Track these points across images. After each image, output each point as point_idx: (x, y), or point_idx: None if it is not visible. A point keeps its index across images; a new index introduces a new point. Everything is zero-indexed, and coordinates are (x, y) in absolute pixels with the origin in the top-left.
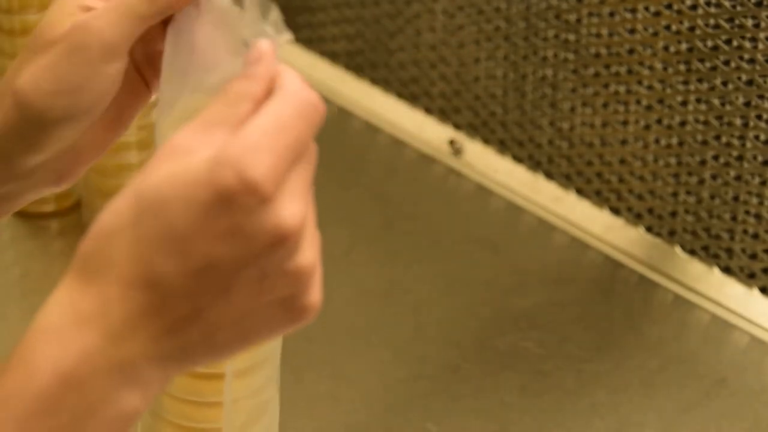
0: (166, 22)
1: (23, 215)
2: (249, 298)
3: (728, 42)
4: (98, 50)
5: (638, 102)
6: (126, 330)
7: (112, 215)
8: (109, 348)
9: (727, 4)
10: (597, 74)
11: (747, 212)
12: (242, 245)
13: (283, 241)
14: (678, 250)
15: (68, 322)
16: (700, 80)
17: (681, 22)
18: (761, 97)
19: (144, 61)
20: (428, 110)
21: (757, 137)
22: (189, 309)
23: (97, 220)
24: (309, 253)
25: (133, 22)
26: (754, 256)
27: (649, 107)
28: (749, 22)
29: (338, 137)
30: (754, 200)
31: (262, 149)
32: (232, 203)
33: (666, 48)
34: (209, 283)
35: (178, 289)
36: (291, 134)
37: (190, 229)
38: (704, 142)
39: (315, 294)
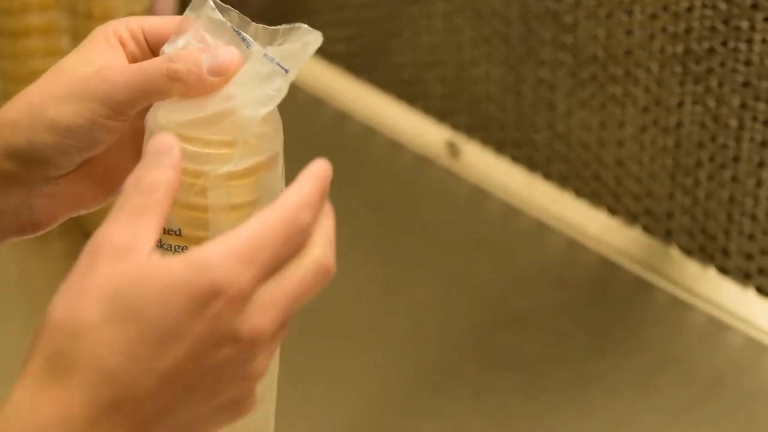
0: None
1: None
2: (205, 401)
3: (724, 44)
4: (106, 104)
5: (635, 104)
6: None
7: (73, 314)
8: None
9: (722, 6)
10: (594, 76)
11: (742, 213)
12: (210, 348)
13: (252, 346)
14: (674, 250)
15: (34, 429)
16: (696, 82)
17: (677, 25)
18: (756, 98)
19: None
20: (426, 112)
21: (752, 139)
22: (152, 410)
23: (52, 316)
24: (266, 361)
25: (146, 94)
26: (749, 257)
27: (645, 109)
28: (745, 24)
29: (336, 139)
30: (750, 201)
31: (241, 260)
32: (206, 304)
33: (662, 50)
34: (176, 386)
35: (144, 392)
36: (272, 250)
37: (164, 333)
38: (700, 144)
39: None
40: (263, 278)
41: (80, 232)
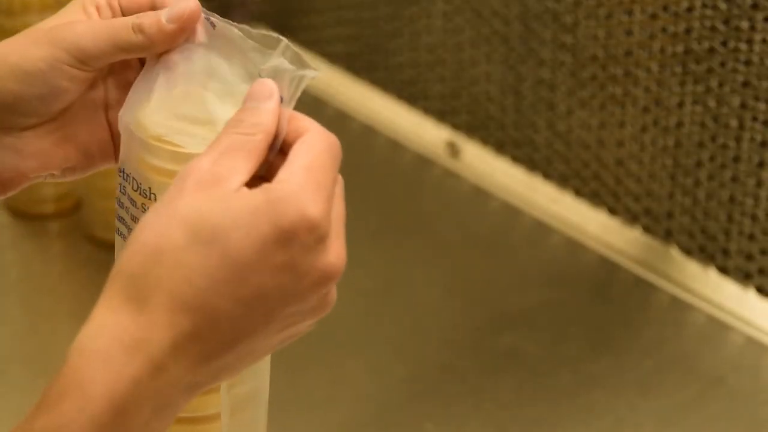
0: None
1: (23, 216)
2: (281, 330)
3: (724, 44)
4: (69, 51)
5: (635, 103)
6: (169, 358)
7: (158, 236)
8: (153, 377)
9: (722, 6)
10: (594, 76)
11: (743, 213)
12: (294, 280)
13: (330, 280)
14: (674, 250)
15: (117, 348)
16: (696, 82)
17: (677, 24)
18: (756, 98)
19: (115, 101)
20: (426, 112)
21: (752, 138)
22: (231, 336)
23: (137, 237)
24: (335, 288)
25: (112, 46)
26: (749, 257)
27: (645, 109)
28: (745, 24)
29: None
30: (750, 201)
31: (313, 186)
32: (293, 239)
33: (662, 50)
34: (256, 313)
35: (225, 316)
36: (330, 173)
37: (247, 259)
38: (700, 144)
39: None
40: (331, 199)
41: (80, 232)
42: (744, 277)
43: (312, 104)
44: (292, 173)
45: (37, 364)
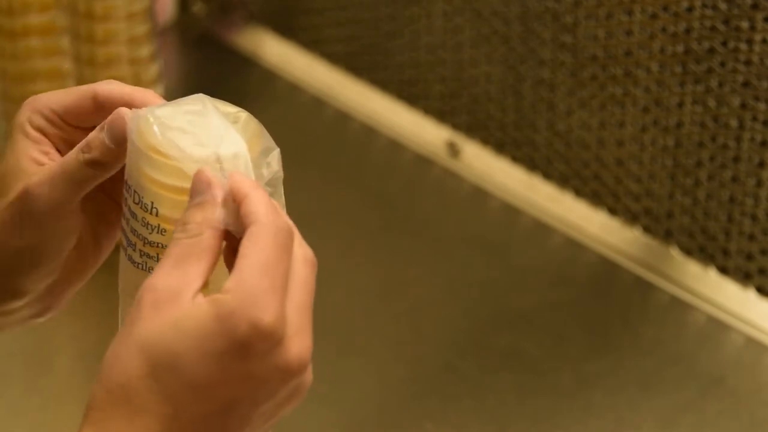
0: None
1: None
2: (261, 422)
3: (724, 44)
4: (45, 215)
5: (635, 103)
6: None
7: (122, 366)
8: None
9: (722, 6)
10: (594, 76)
11: (743, 213)
12: (259, 385)
13: (295, 375)
14: (674, 250)
15: None
16: (696, 82)
17: (677, 24)
18: (756, 98)
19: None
20: (426, 112)
21: (752, 138)
22: None
23: (103, 370)
24: (310, 371)
25: (72, 187)
26: (749, 257)
27: (645, 109)
28: (745, 24)
29: (337, 139)
30: (750, 201)
31: (263, 291)
32: (248, 350)
33: (662, 50)
34: (231, 420)
35: (202, 429)
36: (281, 267)
37: (207, 378)
38: (700, 144)
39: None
40: (284, 296)
41: None
42: (744, 277)
43: (312, 104)
44: (240, 280)
45: (37, 364)
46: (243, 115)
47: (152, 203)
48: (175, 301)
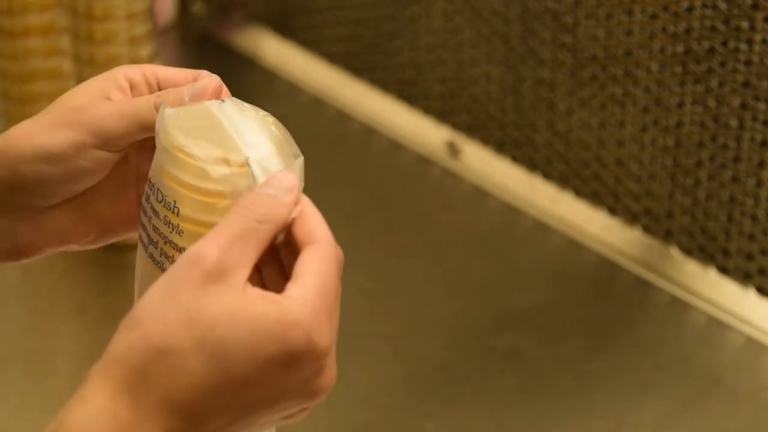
0: None
1: None
2: (258, 426)
3: (724, 44)
4: (94, 134)
5: (635, 104)
6: None
7: (163, 333)
8: None
9: (722, 6)
10: (594, 76)
11: (743, 213)
12: (282, 398)
13: (315, 400)
14: (674, 250)
15: None
16: (696, 82)
17: (677, 24)
18: (756, 98)
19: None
20: (426, 112)
21: (752, 138)
22: None
23: (140, 322)
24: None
25: (135, 126)
26: (749, 257)
27: (645, 109)
28: (745, 24)
29: (337, 138)
30: (750, 201)
31: (324, 313)
32: (297, 364)
33: (662, 50)
34: (243, 420)
35: (213, 425)
36: (338, 296)
37: (248, 376)
38: (700, 144)
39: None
40: (336, 328)
41: None
42: (744, 277)
43: (312, 104)
44: (306, 294)
45: (37, 364)
46: (271, 119)
47: (174, 202)
48: (226, 280)
